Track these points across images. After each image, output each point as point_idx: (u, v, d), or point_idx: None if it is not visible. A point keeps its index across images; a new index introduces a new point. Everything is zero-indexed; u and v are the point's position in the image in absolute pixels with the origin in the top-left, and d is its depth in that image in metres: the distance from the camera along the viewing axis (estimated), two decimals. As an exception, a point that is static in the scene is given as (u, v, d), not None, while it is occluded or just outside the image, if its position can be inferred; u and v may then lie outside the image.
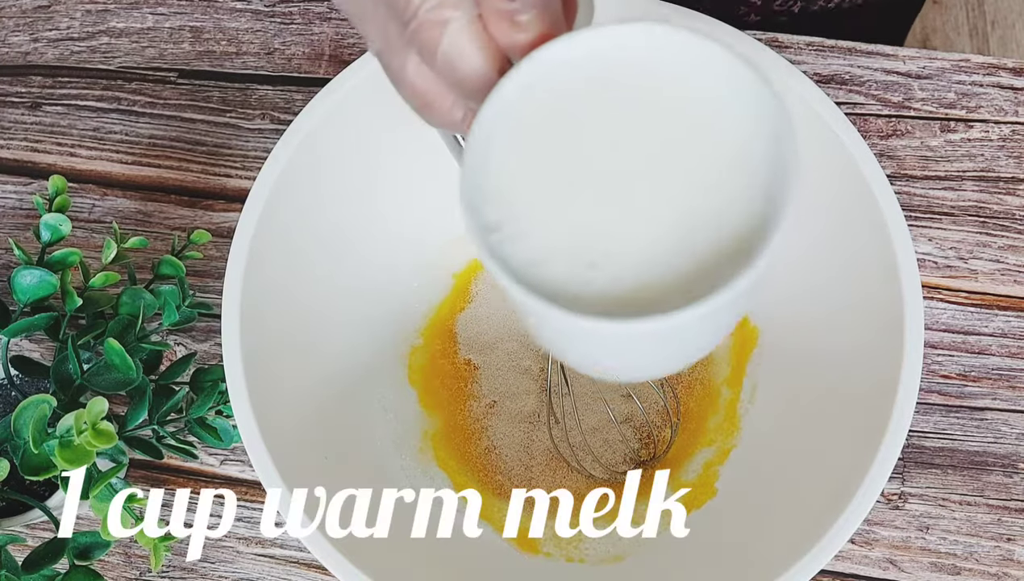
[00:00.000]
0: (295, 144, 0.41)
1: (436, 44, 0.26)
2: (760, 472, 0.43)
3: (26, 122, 0.53)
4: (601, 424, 0.46)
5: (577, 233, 0.25)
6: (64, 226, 0.43)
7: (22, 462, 0.38)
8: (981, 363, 0.47)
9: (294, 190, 0.41)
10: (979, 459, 0.46)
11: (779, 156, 0.25)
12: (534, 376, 0.47)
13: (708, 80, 0.26)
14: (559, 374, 0.46)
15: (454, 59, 0.26)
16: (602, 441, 0.46)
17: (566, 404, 0.46)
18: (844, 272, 0.42)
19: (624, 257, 0.25)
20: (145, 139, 0.52)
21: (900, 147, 0.50)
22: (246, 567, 0.46)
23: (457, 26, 0.26)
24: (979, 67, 0.51)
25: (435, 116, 0.28)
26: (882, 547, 0.45)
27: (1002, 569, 0.44)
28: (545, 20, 0.26)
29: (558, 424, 0.46)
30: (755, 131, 0.25)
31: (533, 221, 0.26)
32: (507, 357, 0.48)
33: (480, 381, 0.47)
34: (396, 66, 0.28)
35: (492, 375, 0.47)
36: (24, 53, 0.54)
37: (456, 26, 0.26)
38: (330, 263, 0.44)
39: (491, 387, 0.47)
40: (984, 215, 0.49)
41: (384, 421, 0.46)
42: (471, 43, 0.26)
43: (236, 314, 0.39)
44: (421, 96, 0.28)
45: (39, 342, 0.49)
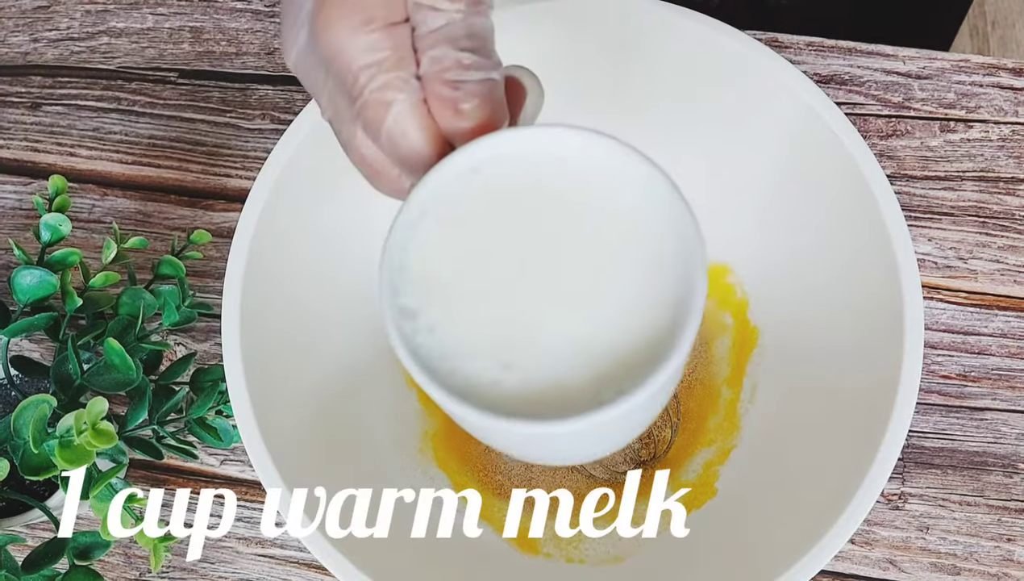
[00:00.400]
0: (295, 144, 0.41)
1: (381, 123, 0.27)
2: (760, 472, 0.43)
3: (26, 122, 0.53)
4: (601, 424, 0.46)
5: (492, 331, 0.26)
6: (64, 226, 0.43)
7: (22, 462, 0.38)
8: (981, 363, 0.47)
9: (294, 190, 0.41)
10: (979, 459, 0.46)
11: (688, 268, 0.26)
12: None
13: (630, 190, 0.27)
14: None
15: (396, 138, 0.27)
16: (602, 441, 0.46)
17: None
18: (844, 272, 0.42)
19: (536, 358, 0.26)
20: (145, 139, 0.52)
21: (900, 147, 0.50)
22: (246, 567, 0.46)
23: (401, 108, 0.27)
24: (979, 67, 0.51)
25: (383, 185, 0.29)
26: (882, 547, 0.45)
27: (1002, 569, 0.44)
28: (487, 109, 0.27)
29: (558, 424, 0.46)
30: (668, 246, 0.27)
31: (450, 314, 0.26)
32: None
33: (480, 381, 0.47)
34: (345, 136, 0.29)
35: (492, 375, 0.47)
36: (24, 53, 0.54)
37: (400, 108, 0.27)
38: (330, 263, 0.44)
39: (491, 387, 0.47)
40: (984, 215, 0.49)
41: (384, 421, 0.46)
42: (413, 125, 0.27)
43: (236, 314, 0.39)
44: (369, 166, 0.29)
45: (39, 342, 0.49)
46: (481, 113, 0.27)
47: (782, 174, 0.44)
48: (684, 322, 0.26)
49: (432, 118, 0.27)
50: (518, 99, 0.29)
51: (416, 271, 0.27)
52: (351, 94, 0.27)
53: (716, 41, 0.42)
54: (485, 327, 0.26)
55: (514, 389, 0.25)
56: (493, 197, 0.27)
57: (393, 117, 0.27)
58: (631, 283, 0.26)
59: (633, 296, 0.26)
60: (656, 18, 0.42)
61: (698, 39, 0.42)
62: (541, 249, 0.27)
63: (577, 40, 0.43)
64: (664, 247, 0.27)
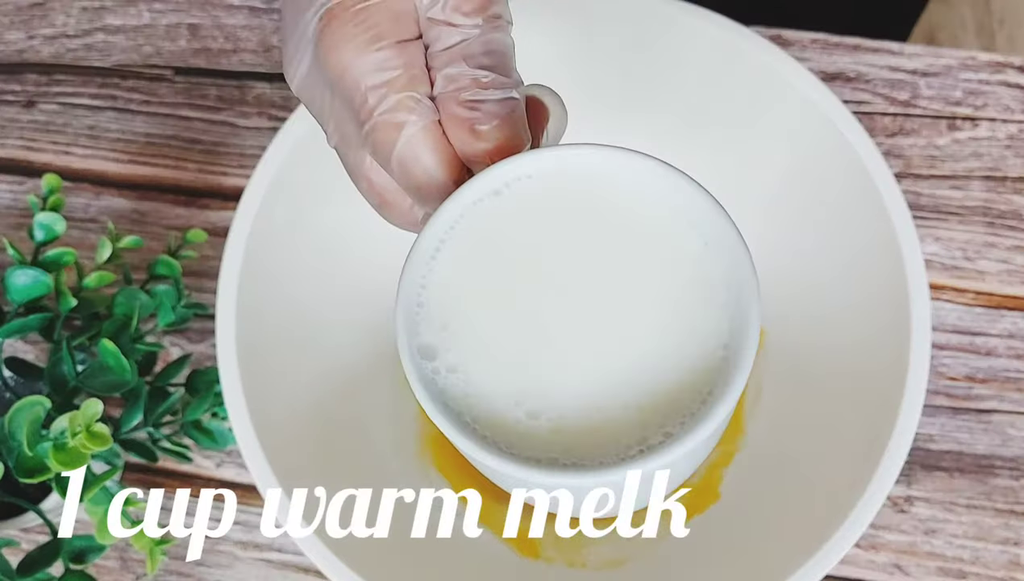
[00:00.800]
0: (292, 142, 0.40)
1: (391, 146, 0.25)
2: (764, 475, 0.42)
3: (21, 120, 0.53)
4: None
5: (518, 372, 0.24)
6: (58, 225, 0.42)
7: (16, 464, 0.37)
8: (988, 365, 0.47)
9: (291, 188, 0.41)
10: (986, 462, 0.45)
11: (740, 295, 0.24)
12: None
13: (667, 210, 0.25)
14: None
15: (408, 163, 0.25)
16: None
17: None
18: (850, 272, 0.41)
19: (567, 403, 0.23)
20: (141, 137, 0.52)
21: (907, 145, 0.50)
22: (243, 571, 0.45)
23: (412, 130, 0.25)
24: (986, 65, 0.51)
25: (393, 215, 0.28)
26: (888, 551, 0.44)
27: (1009, 573, 0.44)
28: (507, 130, 0.25)
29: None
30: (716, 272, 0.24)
31: (472, 353, 0.24)
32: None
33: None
34: (353, 162, 0.27)
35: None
36: (19, 51, 0.54)
37: (411, 130, 0.25)
38: (328, 262, 0.43)
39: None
40: (991, 215, 0.48)
41: (381, 423, 0.45)
42: (426, 148, 0.25)
43: (231, 314, 0.39)
44: (378, 195, 0.27)
45: (33, 343, 0.49)
46: (500, 134, 0.25)
47: (787, 172, 0.43)
48: (739, 357, 0.23)
49: (447, 141, 0.25)
50: (540, 120, 0.27)
51: (435, 305, 0.25)
52: (359, 117, 0.25)
53: (721, 38, 0.41)
54: (511, 368, 0.24)
55: (544, 436, 0.23)
56: (516, 223, 0.25)
57: (405, 140, 0.25)
58: (675, 313, 0.24)
59: (678, 328, 0.24)
60: (662, 15, 0.41)
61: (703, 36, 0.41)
62: (570, 281, 0.24)
63: (588, 37, 0.42)
64: (710, 273, 0.24)
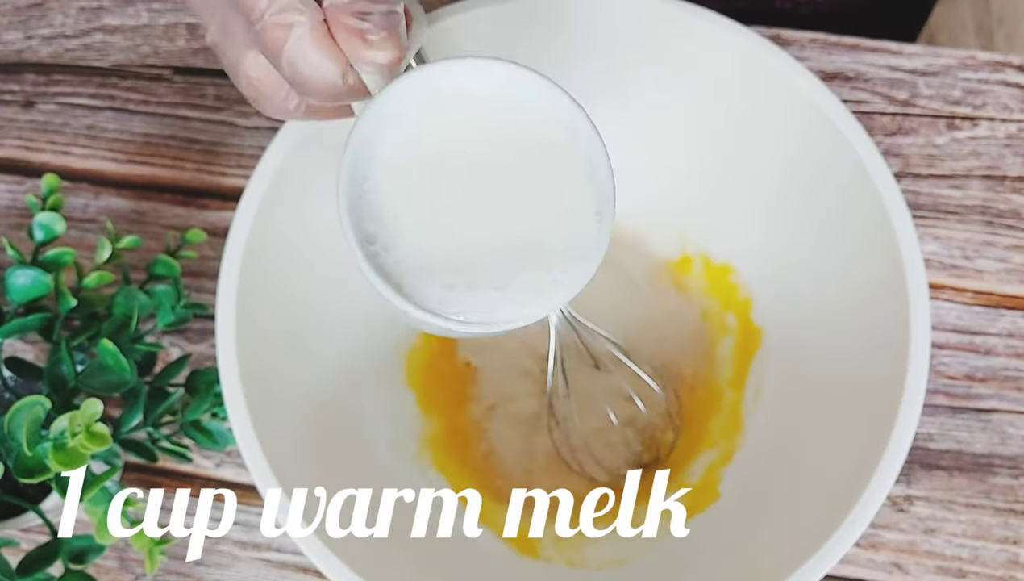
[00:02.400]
0: (292, 142, 0.40)
1: (280, 46, 0.28)
2: (764, 475, 0.42)
3: (19, 120, 0.52)
4: (602, 426, 0.46)
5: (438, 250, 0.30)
6: (58, 225, 0.42)
7: (15, 464, 0.37)
8: (987, 364, 0.47)
9: (290, 188, 0.41)
10: (985, 461, 0.45)
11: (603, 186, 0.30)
12: (535, 378, 0.47)
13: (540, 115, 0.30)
14: (560, 376, 0.45)
15: (297, 62, 0.28)
16: (603, 444, 0.46)
17: (567, 406, 0.46)
18: (849, 271, 0.41)
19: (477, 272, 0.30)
20: (140, 137, 0.52)
21: (906, 145, 0.50)
22: (242, 571, 0.45)
23: (301, 31, 0.27)
24: (985, 64, 0.51)
25: (269, 106, 0.31)
26: (887, 550, 0.44)
27: (1008, 573, 0.44)
28: (394, 40, 0.28)
29: (559, 427, 0.46)
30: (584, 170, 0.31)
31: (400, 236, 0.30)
32: (507, 358, 0.47)
33: (479, 383, 0.47)
34: (233, 59, 0.30)
35: (491, 376, 0.47)
36: (17, 51, 0.54)
37: (300, 31, 0.27)
38: (327, 262, 0.43)
39: (491, 389, 0.47)
40: (990, 214, 0.48)
41: (381, 423, 0.45)
42: (315, 48, 0.28)
43: (231, 314, 0.39)
44: (255, 88, 0.30)
45: (33, 343, 0.49)
46: (389, 44, 0.28)
47: (787, 172, 0.43)
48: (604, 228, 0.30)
49: (333, 40, 0.28)
50: (408, 25, 0.31)
51: (373, 202, 0.30)
52: (250, 17, 0.28)
53: (720, 37, 0.41)
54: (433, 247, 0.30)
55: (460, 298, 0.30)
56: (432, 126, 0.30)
57: (293, 40, 0.27)
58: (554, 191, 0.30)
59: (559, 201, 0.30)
60: (662, 15, 0.41)
61: (703, 36, 0.41)
62: (474, 172, 0.30)
63: (587, 36, 0.42)
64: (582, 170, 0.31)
